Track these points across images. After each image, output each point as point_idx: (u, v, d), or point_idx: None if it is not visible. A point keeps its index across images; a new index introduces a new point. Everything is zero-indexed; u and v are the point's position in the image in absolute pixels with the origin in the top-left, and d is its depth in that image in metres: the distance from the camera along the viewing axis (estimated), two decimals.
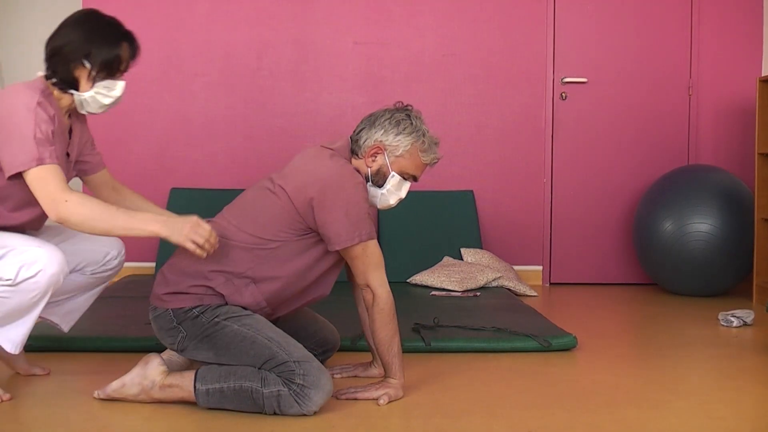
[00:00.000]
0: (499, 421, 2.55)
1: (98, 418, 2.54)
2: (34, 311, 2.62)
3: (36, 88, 2.62)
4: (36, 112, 2.55)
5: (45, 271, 2.53)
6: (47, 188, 2.52)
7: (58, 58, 2.64)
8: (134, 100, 5.56)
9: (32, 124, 2.53)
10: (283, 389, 2.49)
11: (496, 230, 5.75)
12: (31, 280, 2.53)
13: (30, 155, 2.51)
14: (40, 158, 2.51)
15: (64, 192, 2.53)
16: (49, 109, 2.60)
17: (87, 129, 2.97)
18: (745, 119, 5.76)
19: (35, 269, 2.52)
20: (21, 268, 2.52)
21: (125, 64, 2.75)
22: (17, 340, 2.65)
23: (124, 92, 2.77)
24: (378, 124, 2.80)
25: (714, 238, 4.91)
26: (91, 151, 2.99)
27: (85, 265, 2.91)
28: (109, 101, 2.73)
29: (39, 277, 2.53)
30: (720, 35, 5.78)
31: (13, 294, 2.54)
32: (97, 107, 2.73)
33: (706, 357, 3.56)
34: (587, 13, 5.75)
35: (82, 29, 2.66)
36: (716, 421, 2.60)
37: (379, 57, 5.70)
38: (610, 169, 5.78)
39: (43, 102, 2.59)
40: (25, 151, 2.51)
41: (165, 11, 5.61)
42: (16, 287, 2.53)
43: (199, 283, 2.64)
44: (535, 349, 3.51)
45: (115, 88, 2.74)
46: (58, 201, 2.51)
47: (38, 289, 2.55)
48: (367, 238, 2.67)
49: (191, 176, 5.64)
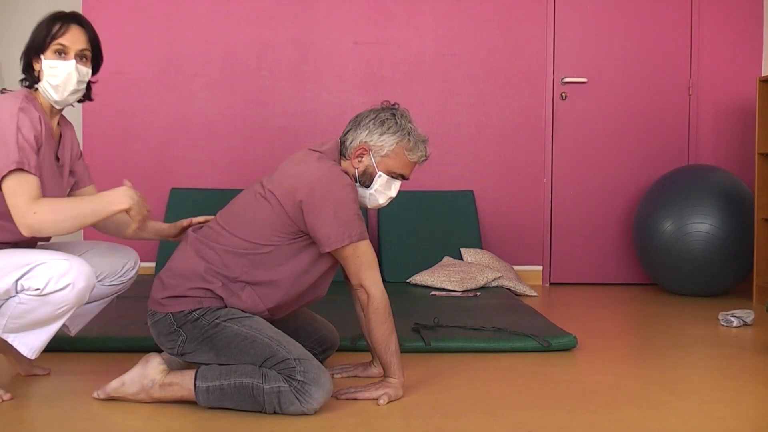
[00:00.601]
0: (499, 421, 2.55)
1: (98, 418, 2.54)
2: (58, 322, 2.63)
3: (19, 96, 2.63)
4: (18, 117, 2.55)
5: (74, 285, 2.54)
6: (16, 201, 2.50)
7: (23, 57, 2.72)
8: (134, 100, 5.57)
9: (14, 128, 2.53)
10: (283, 385, 2.49)
11: (496, 230, 5.75)
12: (59, 293, 2.53)
13: (10, 158, 2.50)
14: (20, 161, 2.50)
15: (32, 204, 2.49)
16: (32, 113, 2.60)
17: (76, 140, 2.95)
18: (745, 119, 5.76)
19: (64, 282, 2.52)
20: (50, 281, 2.51)
21: (53, 37, 2.66)
22: (36, 346, 2.65)
23: (79, 74, 2.68)
24: (363, 124, 2.81)
25: (714, 238, 4.91)
26: (80, 164, 2.97)
27: (105, 276, 2.91)
28: (57, 81, 2.67)
29: (68, 291, 2.53)
30: (720, 35, 5.78)
31: (40, 305, 2.54)
32: (54, 91, 2.68)
33: (706, 357, 3.56)
34: (587, 13, 5.75)
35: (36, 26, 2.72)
36: (716, 421, 2.59)
37: (379, 57, 5.70)
38: (610, 169, 5.78)
39: (26, 107, 2.59)
40: (7, 155, 2.50)
41: (165, 11, 5.61)
42: (44, 298, 2.53)
43: (199, 285, 2.64)
44: (535, 349, 3.51)
45: (60, 66, 2.67)
46: (26, 215, 2.49)
47: (66, 302, 2.56)
48: (358, 238, 2.67)
49: (191, 176, 5.64)
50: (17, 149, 2.51)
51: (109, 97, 5.36)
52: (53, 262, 2.54)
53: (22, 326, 2.60)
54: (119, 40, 5.44)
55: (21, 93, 2.66)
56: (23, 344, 2.64)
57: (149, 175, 5.60)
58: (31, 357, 2.66)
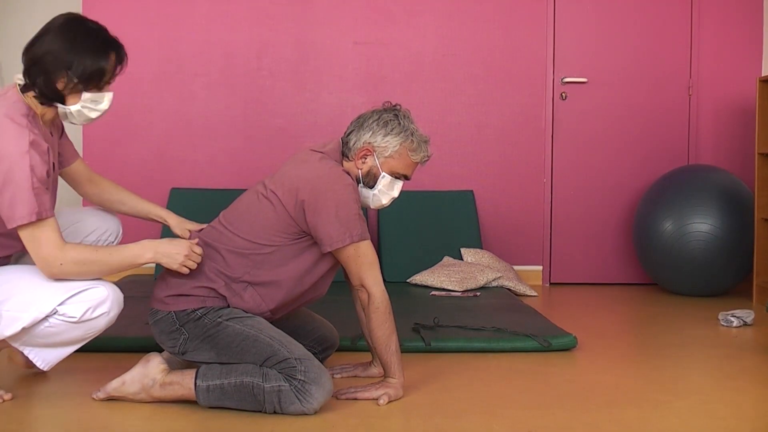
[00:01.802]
0: (499, 421, 2.56)
1: (98, 418, 2.55)
2: (81, 343, 2.65)
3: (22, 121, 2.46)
4: (30, 156, 2.41)
5: (109, 313, 2.57)
6: (40, 252, 2.45)
7: (37, 68, 2.48)
8: (134, 100, 5.57)
9: (28, 170, 2.40)
10: (284, 384, 2.50)
11: (496, 230, 5.75)
12: (94, 321, 2.55)
13: (29, 208, 2.40)
14: (38, 212, 2.42)
15: (58, 254, 2.46)
16: (41, 146, 2.46)
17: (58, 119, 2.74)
18: (745, 119, 5.76)
19: (101, 311, 2.54)
20: (88, 310, 2.52)
21: (110, 75, 2.58)
22: (51, 361, 2.65)
23: (111, 104, 2.62)
24: (366, 125, 2.82)
25: (714, 238, 4.91)
26: (64, 141, 2.89)
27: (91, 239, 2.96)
28: (96, 115, 2.60)
29: (102, 319, 2.56)
30: (720, 35, 5.78)
31: (71, 329, 2.55)
32: (83, 120, 2.60)
33: (706, 357, 3.56)
34: (587, 13, 5.75)
35: (64, 37, 2.48)
36: (716, 420, 2.60)
37: (379, 57, 5.70)
38: (610, 169, 5.78)
39: (35, 140, 2.44)
40: (24, 204, 2.40)
41: (165, 11, 5.61)
42: (78, 324, 2.53)
43: (203, 284, 2.65)
44: (535, 349, 3.51)
45: (103, 100, 2.59)
46: (53, 264, 2.47)
47: (97, 328, 2.58)
48: (359, 238, 2.67)
49: (191, 176, 5.64)
50: (33, 197, 2.41)
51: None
52: (92, 290, 2.53)
53: (45, 344, 2.60)
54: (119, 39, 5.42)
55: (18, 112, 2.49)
56: (39, 358, 2.63)
57: (149, 175, 5.60)
58: (45, 369, 2.66)
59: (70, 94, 2.53)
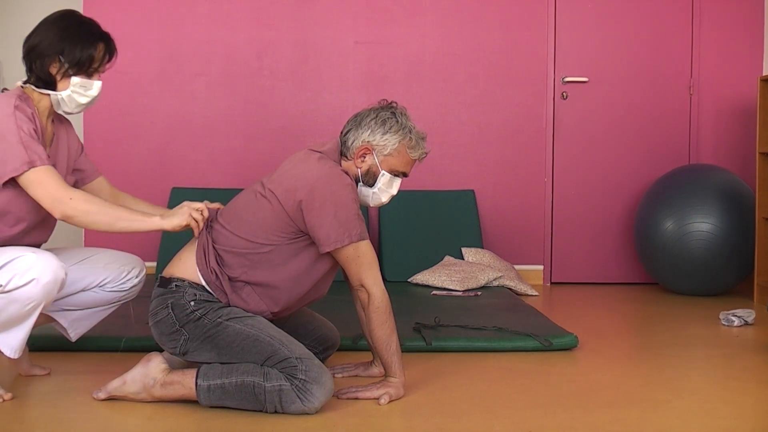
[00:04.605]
0: (499, 421, 2.56)
1: (99, 418, 2.55)
2: (30, 318, 2.61)
3: (12, 95, 2.66)
4: (15, 115, 2.58)
5: (39, 279, 2.52)
6: (47, 189, 2.57)
7: (33, 54, 2.68)
8: (135, 100, 5.57)
9: (14, 127, 2.56)
10: (285, 384, 2.50)
11: (497, 230, 5.75)
12: (23, 289, 2.51)
13: (20, 159, 2.55)
14: (30, 161, 2.55)
15: (67, 190, 2.58)
16: (26, 110, 2.63)
17: (74, 136, 2.97)
18: (746, 118, 5.76)
19: (28, 277, 2.51)
20: (14, 277, 2.50)
21: (99, 64, 2.74)
22: (15, 345, 2.64)
23: (100, 92, 2.77)
24: (364, 124, 2.82)
25: (715, 238, 4.91)
26: (84, 159, 3.00)
27: (108, 281, 2.92)
28: (85, 100, 2.74)
29: (32, 286, 2.52)
30: (721, 34, 5.78)
31: (7, 303, 2.53)
32: (74, 106, 2.74)
33: (707, 356, 3.56)
34: (588, 13, 5.75)
35: (57, 27, 2.69)
36: (717, 420, 2.60)
37: (379, 57, 5.70)
38: (611, 169, 5.78)
39: (20, 104, 2.62)
40: (14, 156, 2.55)
41: (165, 11, 5.61)
42: (8, 295, 2.51)
43: (213, 268, 2.67)
44: (536, 348, 3.51)
45: (92, 87, 2.74)
46: (62, 199, 2.57)
47: (33, 298, 2.54)
48: (358, 238, 2.67)
49: (192, 176, 5.64)
50: (23, 148, 2.55)
51: (110, 96, 5.35)
52: (19, 259, 2.53)
53: None
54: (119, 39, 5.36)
55: (14, 93, 2.68)
56: (5, 345, 2.63)
57: (150, 174, 5.60)
58: (14, 356, 2.64)
59: (61, 80, 2.69)
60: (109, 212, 2.61)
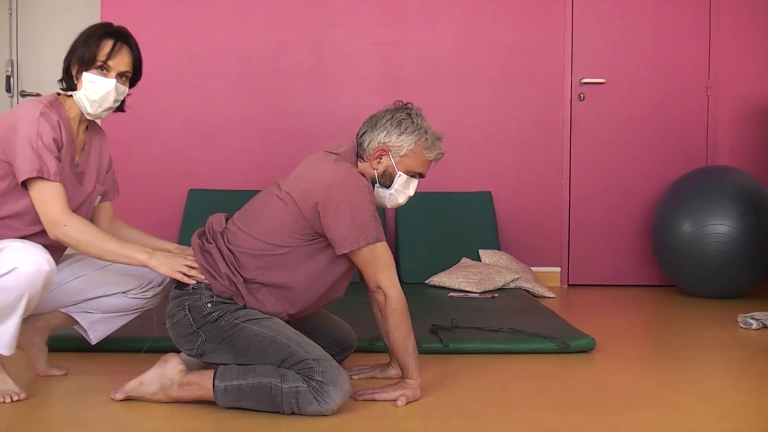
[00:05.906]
0: (516, 423, 2.55)
1: (117, 418, 2.56)
2: (17, 310, 2.58)
3: (42, 100, 2.71)
4: (38, 122, 2.62)
5: (20, 268, 2.52)
6: (48, 209, 2.62)
7: (64, 62, 2.77)
8: (152, 101, 5.59)
9: (34, 133, 2.61)
10: (302, 385, 2.50)
11: (513, 231, 5.73)
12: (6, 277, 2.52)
13: (30, 165, 2.59)
14: (39, 169, 2.60)
15: (64, 215, 2.63)
16: (51, 118, 2.67)
17: (107, 149, 3.04)
18: (764, 119, 5.72)
19: (9, 266, 2.52)
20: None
21: (105, 58, 2.75)
22: (6, 341, 2.62)
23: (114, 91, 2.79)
24: (380, 125, 2.82)
25: (733, 240, 4.88)
26: (109, 177, 3.05)
27: (131, 288, 2.97)
28: (95, 96, 2.75)
29: (14, 275, 2.52)
30: (738, 35, 5.75)
31: None
32: (89, 105, 2.77)
33: (725, 359, 3.54)
34: (605, 14, 5.73)
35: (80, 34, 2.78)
36: (735, 423, 2.58)
37: (396, 58, 5.70)
38: (628, 170, 5.76)
39: (47, 112, 2.66)
40: (27, 160, 2.60)
41: (183, 13, 5.63)
42: None
43: (228, 273, 2.67)
44: (553, 350, 3.50)
45: (101, 84, 2.76)
46: (58, 224, 2.62)
47: (16, 287, 2.53)
48: (374, 240, 2.67)
49: (209, 177, 5.66)
50: (36, 156, 2.59)
51: (127, 98, 5.37)
52: (5, 249, 2.56)
53: None
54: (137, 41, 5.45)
55: (46, 99, 2.73)
56: None
57: (167, 176, 5.62)
58: (6, 353, 2.62)
59: (78, 80, 2.75)
60: (99, 245, 2.64)
